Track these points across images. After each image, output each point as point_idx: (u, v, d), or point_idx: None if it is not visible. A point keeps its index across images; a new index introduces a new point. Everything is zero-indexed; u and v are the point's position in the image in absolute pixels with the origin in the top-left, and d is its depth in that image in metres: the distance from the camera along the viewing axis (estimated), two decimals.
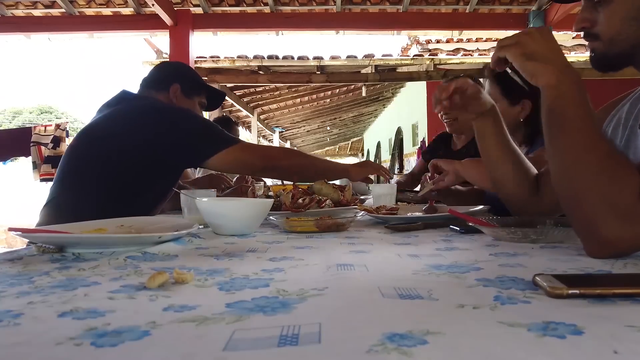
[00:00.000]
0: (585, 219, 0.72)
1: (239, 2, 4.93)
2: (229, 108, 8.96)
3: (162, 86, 1.72)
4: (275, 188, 1.67)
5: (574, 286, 0.47)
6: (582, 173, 0.73)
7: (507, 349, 0.34)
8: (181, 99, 1.73)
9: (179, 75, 1.77)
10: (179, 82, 1.73)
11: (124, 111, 1.56)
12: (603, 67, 0.90)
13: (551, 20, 4.83)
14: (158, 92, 1.71)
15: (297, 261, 0.72)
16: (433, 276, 0.60)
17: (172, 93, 1.71)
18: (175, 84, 1.72)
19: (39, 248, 0.82)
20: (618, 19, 0.84)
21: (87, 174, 1.50)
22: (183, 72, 1.80)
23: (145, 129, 1.48)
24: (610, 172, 0.71)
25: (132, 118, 1.52)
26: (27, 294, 0.53)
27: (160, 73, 1.78)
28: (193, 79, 1.81)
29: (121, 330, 0.40)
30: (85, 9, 4.90)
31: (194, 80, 1.81)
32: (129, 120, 1.51)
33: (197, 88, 1.81)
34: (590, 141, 0.75)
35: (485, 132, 1.13)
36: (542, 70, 0.80)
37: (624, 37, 0.85)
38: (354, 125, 14.79)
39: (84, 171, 1.51)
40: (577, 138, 0.76)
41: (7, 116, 44.28)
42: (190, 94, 1.76)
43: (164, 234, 0.85)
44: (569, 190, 0.76)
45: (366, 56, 6.51)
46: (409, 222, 1.16)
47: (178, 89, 1.72)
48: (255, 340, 0.37)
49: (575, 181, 0.74)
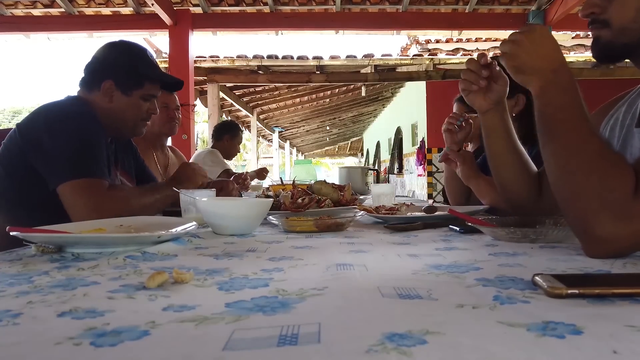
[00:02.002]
0: (580, 219, 0.72)
1: (239, 2, 4.93)
2: (229, 108, 8.96)
3: (92, 85, 1.46)
4: (275, 188, 1.67)
5: (573, 286, 0.47)
6: (574, 174, 0.74)
7: (506, 349, 0.34)
8: (118, 97, 1.46)
9: (111, 67, 1.47)
10: (112, 76, 1.45)
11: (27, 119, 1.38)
12: (605, 57, 0.90)
13: (551, 20, 4.83)
14: (90, 92, 1.47)
15: (297, 261, 0.72)
16: (432, 276, 0.60)
17: (104, 92, 1.45)
18: (106, 80, 1.45)
19: (39, 248, 0.82)
20: (633, 8, 0.84)
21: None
22: (117, 63, 1.47)
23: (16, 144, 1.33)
24: (601, 171, 0.71)
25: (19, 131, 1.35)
26: (27, 294, 0.53)
27: (90, 68, 1.49)
28: (129, 69, 1.47)
29: (120, 330, 0.40)
30: (84, 8, 4.90)
31: (131, 71, 1.47)
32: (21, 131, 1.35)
33: (137, 79, 1.49)
34: (580, 142, 0.75)
35: (494, 126, 1.13)
36: (528, 82, 0.84)
37: (636, 26, 0.85)
38: (354, 125, 14.79)
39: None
40: (566, 141, 0.77)
41: (6, 116, 44.27)
42: (127, 89, 1.47)
43: (163, 233, 0.85)
44: (564, 192, 0.76)
45: (366, 56, 6.51)
46: (408, 222, 1.16)
47: (111, 86, 1.45)
48: (254, 340, 0.37)
49: (568, 183, 0.75)
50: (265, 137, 14.60)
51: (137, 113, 1.51)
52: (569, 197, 0.75)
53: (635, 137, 0.89)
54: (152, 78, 1.52)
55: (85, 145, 1.33)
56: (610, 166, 0.72)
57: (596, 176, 0.71)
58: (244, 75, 6.65)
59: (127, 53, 1.51)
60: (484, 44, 6.74)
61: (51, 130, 1.32)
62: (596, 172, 0.71)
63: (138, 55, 1.52)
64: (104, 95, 1.45)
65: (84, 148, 1.32)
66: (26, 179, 1.33)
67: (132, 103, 1.49)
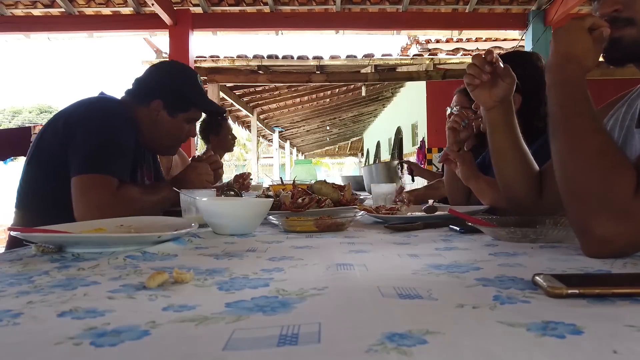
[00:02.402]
0: (580, 219, 0.72)
1: (239, 2, 4.93)
2: (229, 108, 8.96)
3: (142, 100, 1.52)
4: (275, 188, 1.67)
5: (573, 286, 0.47)
6: (574, 174, 0.73)
7: (506, 349, 0.34)
8: (163, 117, 1.52)
9: (163, 88, 1.52)
10: (162, 97, 1.51)
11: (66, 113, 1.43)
12: (624, 59, 0.86)
13: (551, 20, 4.83)
14: (138, 104, 1.52)
15: (297, 261, 0.72)
16: (432, 276, 0.60)
17: (152, 109, 1.51)
18: (156, 100, 1.51)
19: (39, 248, 0.82)
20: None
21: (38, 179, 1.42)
22: (169, 84, 1.54)
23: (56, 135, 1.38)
24: (601, 170, 0.70)
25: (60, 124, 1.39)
26: (27, 294, 0.53)
27: (142, 84, 1.56)
28: (179, 94, 1.53)
29: (121, 330, 0.40)
30: (84, 8, 4.90)
31: (181, 96, 1.54)
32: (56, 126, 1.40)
33: (185, 104, 1.55)
34: (579, 141, 0.74)
35: (498, 123, 1.13)
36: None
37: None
38: (354, 125, 14.79)
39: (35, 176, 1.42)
40: (566, 139, 0.76)
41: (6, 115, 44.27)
42: (174, 112, 1.53)
43: (164, 233, 0.85)
44: (566, 192, 0.76)
45: (366, 56, 6.51)
46: (408, 222, 1.16)
47: (160, 105, 1.51)
48: (254, 339, 0.37)
49: (569, 182, 0.75)
50: (265, 137, 14.60)
51: (178, 134, 1.59)
52: (570, 196, 0.74)
53: (635, 138, 0.89)
54: (198, 104, 1.59)
55: (111, 142, 1.37)
56: (611, 165, 0.71)
57: (596, 175, 0.70)
58: (244, 75, 6.64)
59: (180, 76, 1.58)
60: (484, 44, 6.74)
61: (86, 124, 1.37)
62: (596, 172, 0.70)
63: (189, 80, 1.58)
64: (150, 113, 1.52)
65: (108, 145, 1.36)
66: (64, 175, 1.34)
67: (176, 125, 1.55)
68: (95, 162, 1.32)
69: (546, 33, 4.86)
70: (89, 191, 1.29)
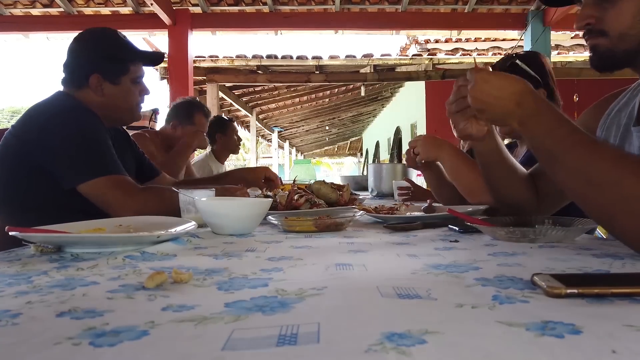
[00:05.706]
0: (631, 226, 0.68)
1: (238, 2, 4.93)
2: (228, 107, 8.96)
3: (81, 82, 1.44)
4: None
5: (572, 286, 0.47)
6: (601, 186, 0.70)
7: (505, 349, 0.34)
8: (108, 88, 1.45)
9: (93, 61, 1.44)
10: (96, 69, 1.43)
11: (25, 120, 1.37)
12: (605, 66, 0.89)
13: (550, 20, 4.84)
14: (79, 89, 1.44)
15: (296, 261, 0.72)
16: (432, 276, 0.60)
17: (94, 87, 1.43)
18: (93, 74, 1.42)
19: (38, 248, 0.81)
20: (630, 15, 0.83)
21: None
22: (97, 54, 1.45)
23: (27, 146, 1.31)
24: (628, 173, 0.68)
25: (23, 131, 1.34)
26: (26, 294, 0.53)
27: (71, 67, 1.46)
28: (111, 58, 1.45)
29: (120, 330, 0.40)
30: (83, 8, 4.90)
31: (113, 59, 1.46)
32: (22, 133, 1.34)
33: (122, 65, 1.47)
34: (591, 153, 0.73)
35: (489, 152, 1.07)
36: (508, 126, 0.84)
37: (635, 32, 0.84)
38: (353, 125, 14.80)
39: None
40: (575, 157, 0.74)
41: (5, 115, 44.24)
42: (116, 78, 1.45)
43: (163, 233, 0.85)
44: (600, 208, 0.72)
45: (365, 56, 6.52)
46: (407, 222, 1.16)
47: (99, 79, 1.43)
48: (254, 339, 0.37)
49: (600, 196, 0.71)
50: (264, 137, 14.60)
51: (131, 99, 1.51)
52: (609, 209, 0.71)
53: (633, 136, 0.89)
54: (133, 59, 1.51)
55: (91, 140, 1.33)
56: (637, 165, 0.68)
57: (628, 180, 0.67)
58: (243, 75, 6.65)
59: (102, 42, 1.49)
60: (483, 44, 6.75)
61: (52, 130, 1.31)
62: (624, 176, 0.68)
63: (112, 41, 1.49)
64: (95, 90, 1.44)
65: (91, 143, 1.33)
66: (31, 180, 1.32)
67: (124, 90, 1.48)
68: (95, 165, 1.31)
69: (545, 33, 4.87)
70: (115, 189, 1.29)
